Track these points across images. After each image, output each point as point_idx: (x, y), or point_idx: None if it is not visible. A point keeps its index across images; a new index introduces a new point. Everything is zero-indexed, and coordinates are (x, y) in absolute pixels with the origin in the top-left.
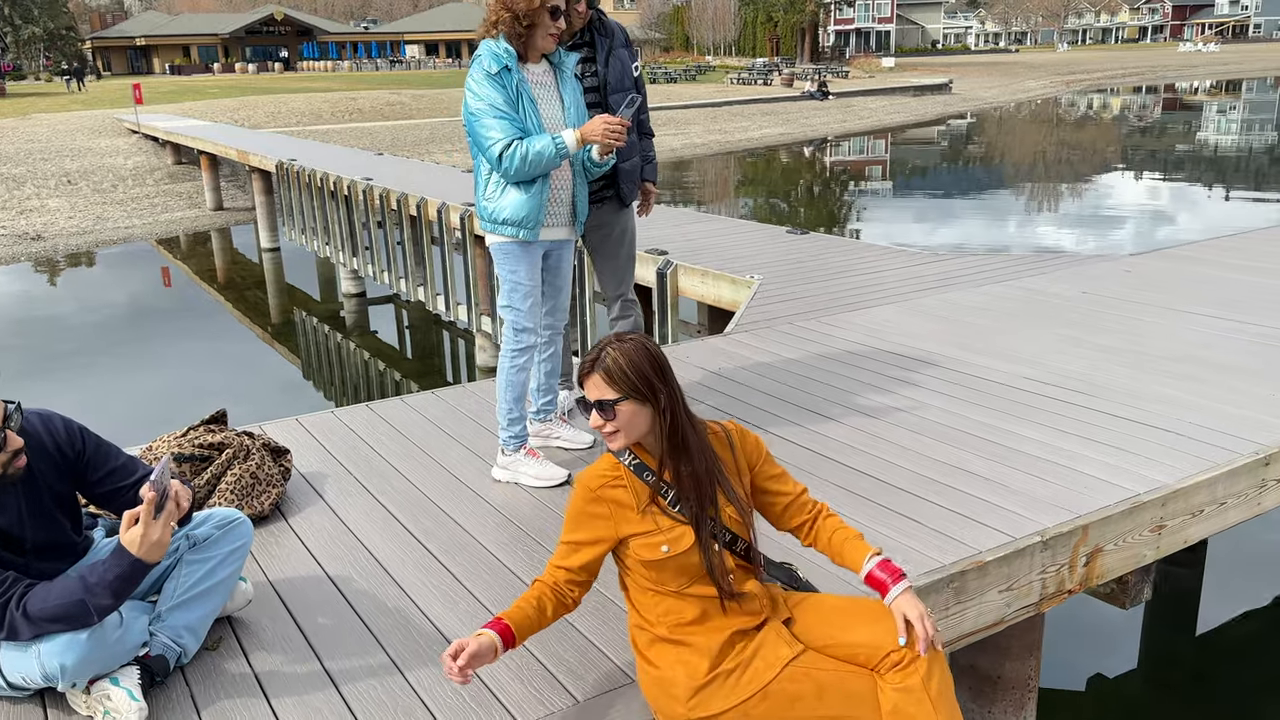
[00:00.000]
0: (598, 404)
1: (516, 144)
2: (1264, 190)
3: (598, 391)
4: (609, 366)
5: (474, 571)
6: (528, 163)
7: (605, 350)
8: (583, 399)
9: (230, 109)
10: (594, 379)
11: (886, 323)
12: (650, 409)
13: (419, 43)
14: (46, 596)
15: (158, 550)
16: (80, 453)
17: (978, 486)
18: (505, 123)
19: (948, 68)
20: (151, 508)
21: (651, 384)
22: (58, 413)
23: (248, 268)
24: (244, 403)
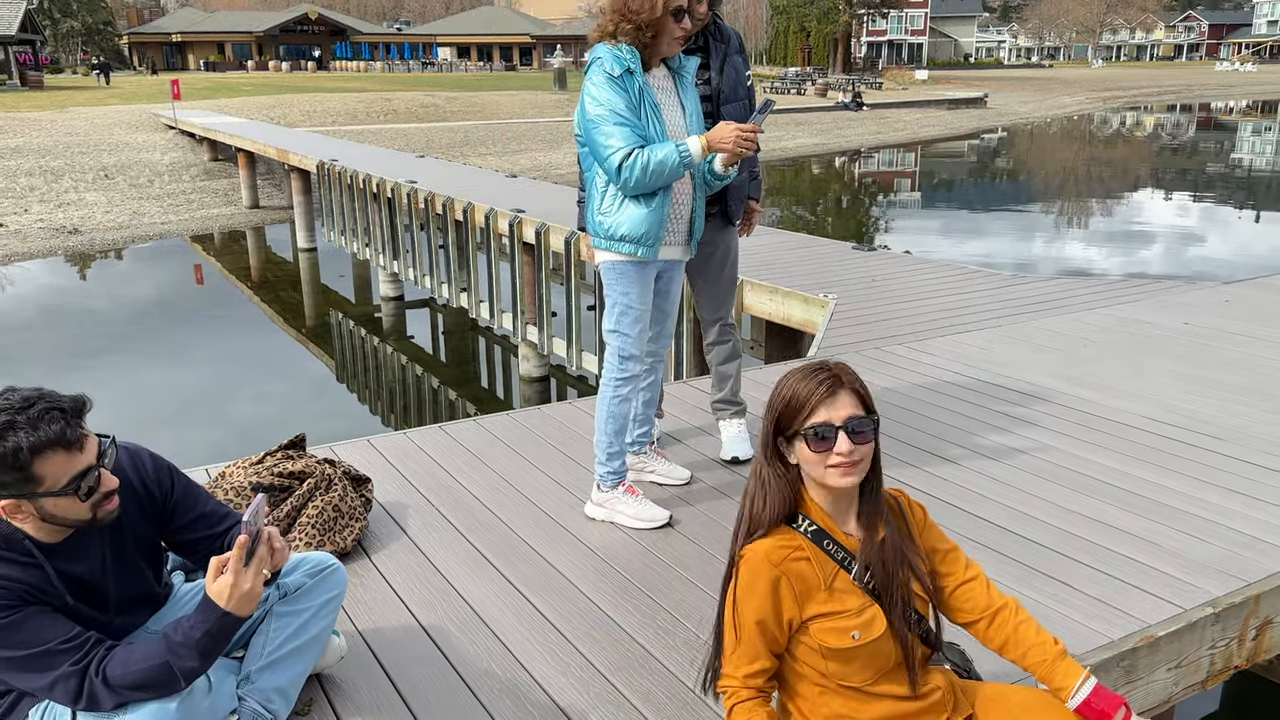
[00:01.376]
0: (853, 422)
1: (638, 153)
2: None
3: (849, 409)
4: (857, 384)
5: (583, 629)
6: (649, 173)
7: (840, 368)
8: (816, 429)
9: (265, 107)
10: (844, 398)
11: (982, 350)
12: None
13: (451, 45)
14: (128, 660)
15: (249, 603)
16: (168, 494)
17: (1126, 544)
18: (627, 130)
19: (981, 81)
20: (243, 553)
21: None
22: (145, 448)
23: (283, 267)
24: (276, 405)
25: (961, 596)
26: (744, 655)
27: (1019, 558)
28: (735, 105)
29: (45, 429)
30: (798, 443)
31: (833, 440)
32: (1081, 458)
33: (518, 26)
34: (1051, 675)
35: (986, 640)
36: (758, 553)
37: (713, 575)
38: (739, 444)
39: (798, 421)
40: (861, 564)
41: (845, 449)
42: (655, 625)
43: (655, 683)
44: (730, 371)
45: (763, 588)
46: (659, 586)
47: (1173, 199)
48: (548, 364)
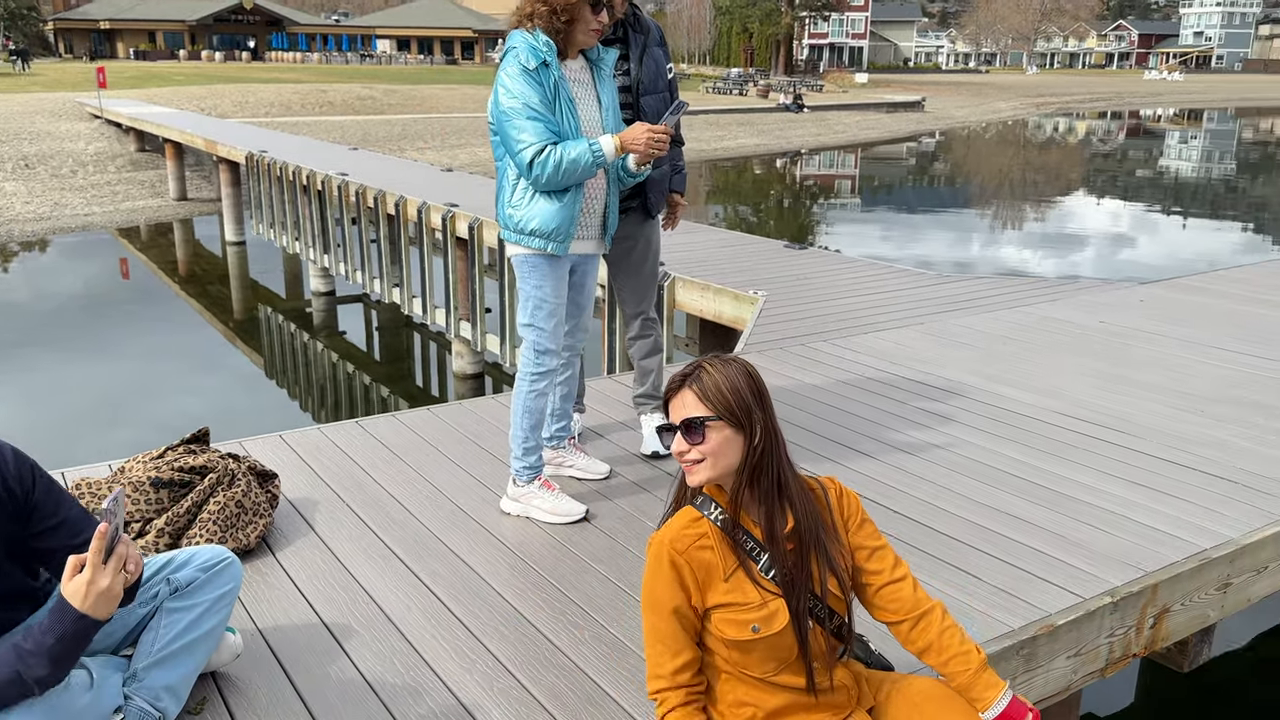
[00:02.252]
0: (685, 423)
1: (550, 150)
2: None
3: (686, 410)
4: (704, 383)
5: (490, 625)
6: (561, 171)
7: (702, 367)
8: (664, 425)
9: (197, 97)
10: (684, 396)
11: (904, 347)
12: (744, 440)
13: (390, 37)
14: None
15: (107, 603)
16: (29, 493)
17: (1032, 536)
18: (539, 125)
19: (920, 85)
20: (103, 544)
21: (749, 410)
22: (8, 444)
23: (211, 261)
24: (201, 401)
25: (887, 596)
26: (668, 649)
27: (927, 549)
28: (655, 97)
29: None
30: None
31: (671, 437)
32: (993, 451)
33: (459, 20)
34: (971, 687)
35: (908, 642)
36: (663, 539)
37: (626, 569)
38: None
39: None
40: (769, 558)
41: (676, 448)
42: (565, 620)
43: (561, 677)
44: (651, 366)
45: (667, 573)
46: (571, 581)
47: (1101, 203)
48: (482, 361)
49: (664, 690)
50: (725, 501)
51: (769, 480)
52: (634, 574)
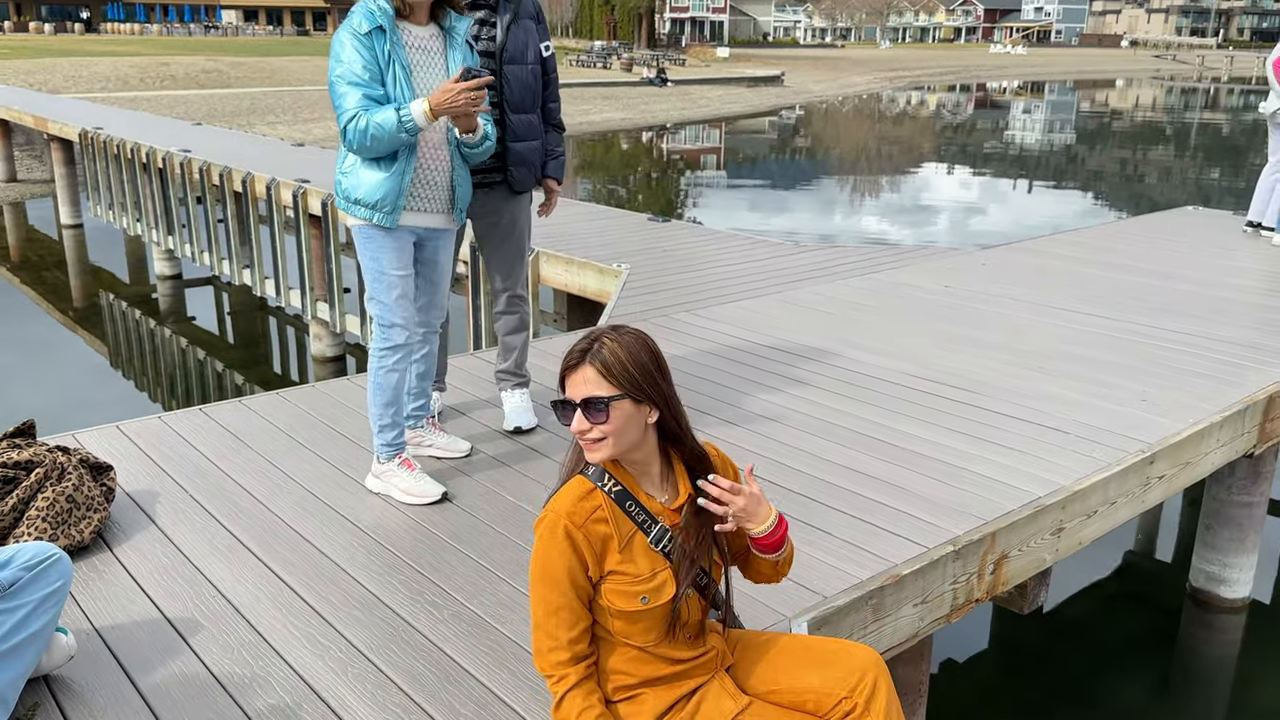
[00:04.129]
0: (586, 402)
1: (360, 115)
2: (1074, 186)
3: (588, 387)
4: (606, 358)
5: (344, 609)
6: (369, 136)
7: (600, 341)
8: (562, 400)
9: (24, 71)
10: (584, 372)
11: (762, 315)
12: (645, 414)
13: (237, 8)
14: None
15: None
16: None
17: (879, 491)
18: (359, 92)
19: (779, 60)
20: None
21: (654, 383)
22: None
23: (46, 245)
24: (42, 396)
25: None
26: (563, 622)
27: (782, 507)
28: (522, 68)
29: None
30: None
31: (570, 415)
32: (843, 412)
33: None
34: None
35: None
36: (558, 511)
37: (487, 546)
38: (522, 414)
39: (559, 387)
40: (660, 529)
41: (577, 426)
42: (423, 600)
43: (418, 657)
44: (515, 343)
45: (562, 545)
46: (429, 561)
47: (951, 173)
48: (342, 343)
49: (562, 664)
50: (618, 472)
51: (669, 453)
52: (495, 551)
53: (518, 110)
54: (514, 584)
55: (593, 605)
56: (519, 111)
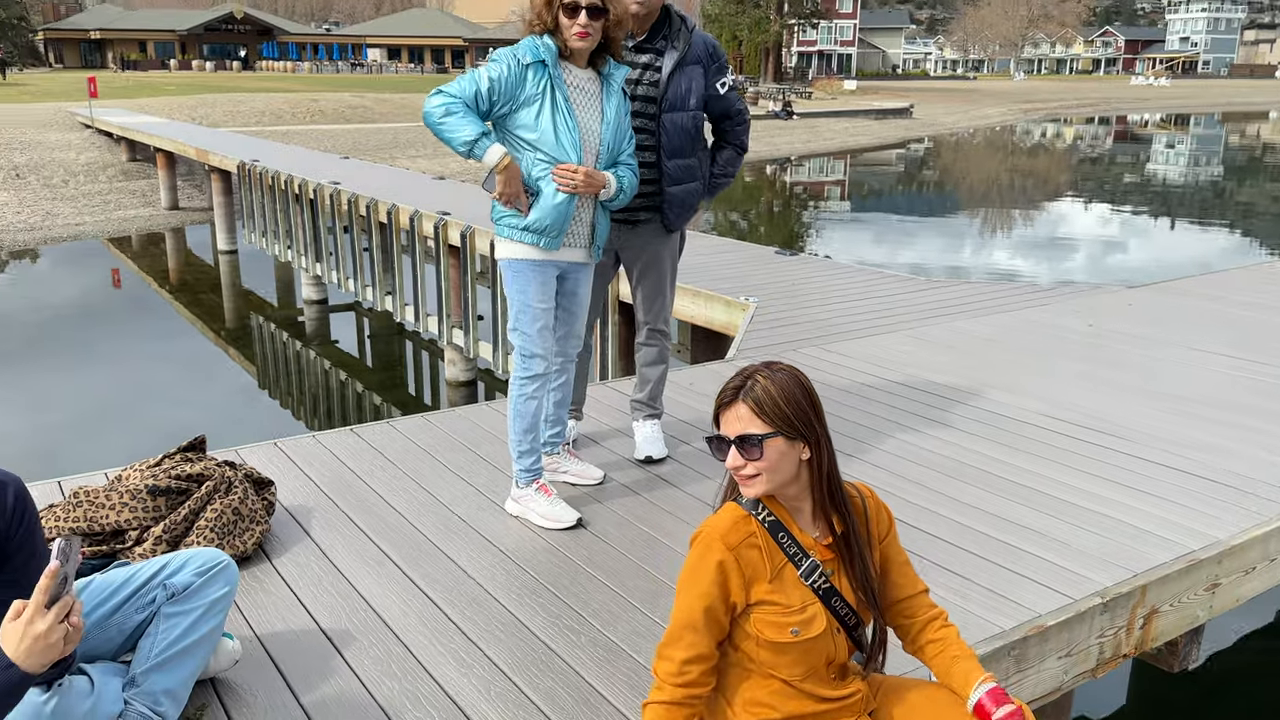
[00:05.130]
0: (741, 439)
1: (454, 105)
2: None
3: (741, 424)
4: (759, 396)
5: (488, 630)
6: (442, 127)
7: (754, 378)
8: (716, 436)
9: (188, 107)
10: (738, 410)
11: (896, 352)
12: (799, 451)
13: (381, 47)
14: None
15: (43, 653)
16: (6, 541)
17: (1023, 538)
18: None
19: (908, 92)
20: (49, 586)
21: (808, 420)
22: (16, 483)
23: (203, 270)
24: (195, 411)
25: (904, 608)
26: (688, 640)
27: (920, 551)
28: (680, 115)
29: None
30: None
31: (725, 451)
32: (984, 454)
33: (450, 29)
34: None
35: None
36: (713, 532)
37: (621, 574)
38: (653, 444)
39: (714, 421)
40: (811, 563)
41: (732, 463)
42: (561, 625)
43: (558, 681)
44: (652, 375)
45: (711, 566)
46: (566, 586)
47: (1089, 208)
48: (474, 368)
49: (668, 675)
50: (772, 504)
51: (820, 490)
52: (629, 578)
53: (673, 156)
54: (648, 613)
55: (735, 633)
56: (674, 157)
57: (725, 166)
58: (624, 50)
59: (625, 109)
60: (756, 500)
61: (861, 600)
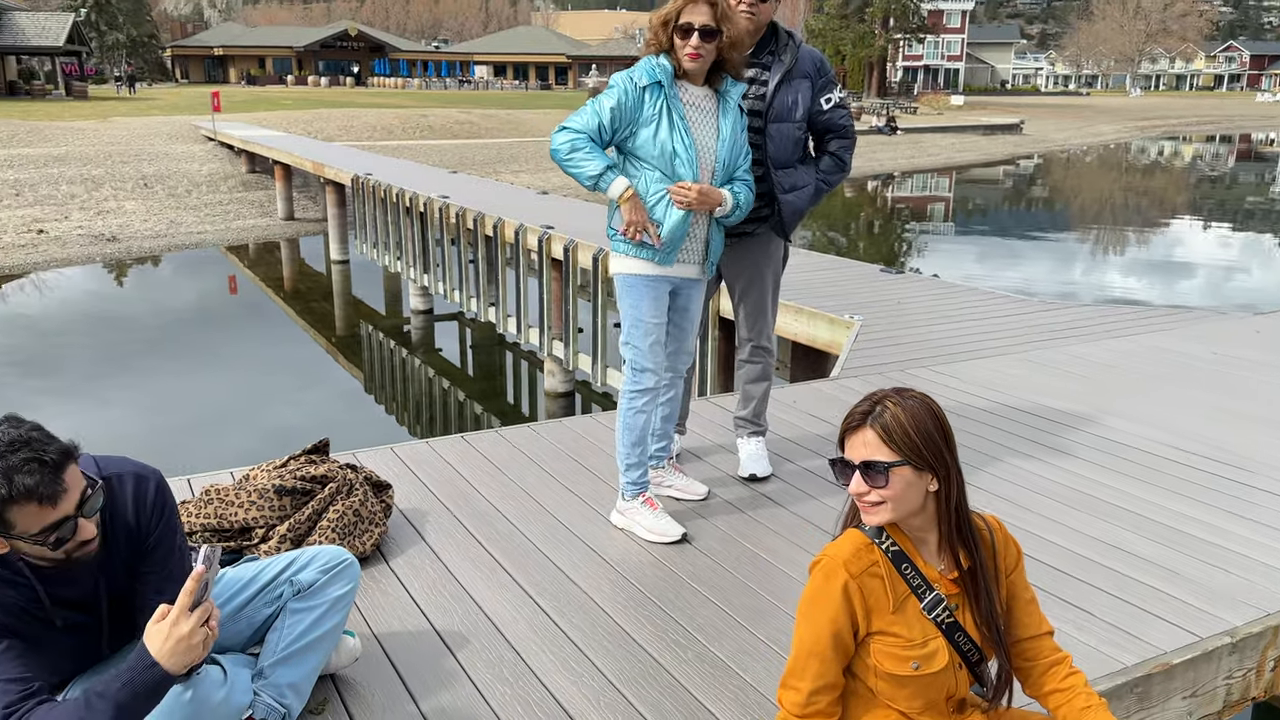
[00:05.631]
0: (866, 465)
1: (579, 141)
2: None
3: (868, 450)
4: (888, 423)
5: (595, 640)
6: (567, 161)
7: (883, 404)
8: (841, 460)
9: (303, 120)
10: (864, 435)
11: (1007, 375)
12: (926, 482)
13: (488, 64)
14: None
15: (185, 654)
16: (149, 534)
17: (1146, 572)
18: (593, 121)
19: (1017, 108)
20: (195, 589)
21: (938, 451)
22: (155, 477)
23: (315, 279)
24: (305, 413)
25: (1028, 648)
26: (813, 670)
27: (1038, 582)
28: (786, 126)
29: (19, 481)
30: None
31: (849, 475)
32: (1104, 484)
33: (554, 46)
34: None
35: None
36: (836, 558)
37: (726, 590)
38: (757, 462)
39: (839, 444)
40: (935, 597)
41: (855, 489)
42: (667, 638)
43: (665, 694)
44: (755, 393)
45: (835, 591)
46: (672, 600)
47: (1210, 230)
48: (573, 380)
49: (795, 705)
50: (896, 533)
51: (947, 524)
52: (735, 595)
53: (781, 166)
54: (754, 631)
55: (854, 663)
56: (782, 167)
57: (825, 176)
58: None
59: (741, 125)
60: (880, 528)
61: (986, 636)
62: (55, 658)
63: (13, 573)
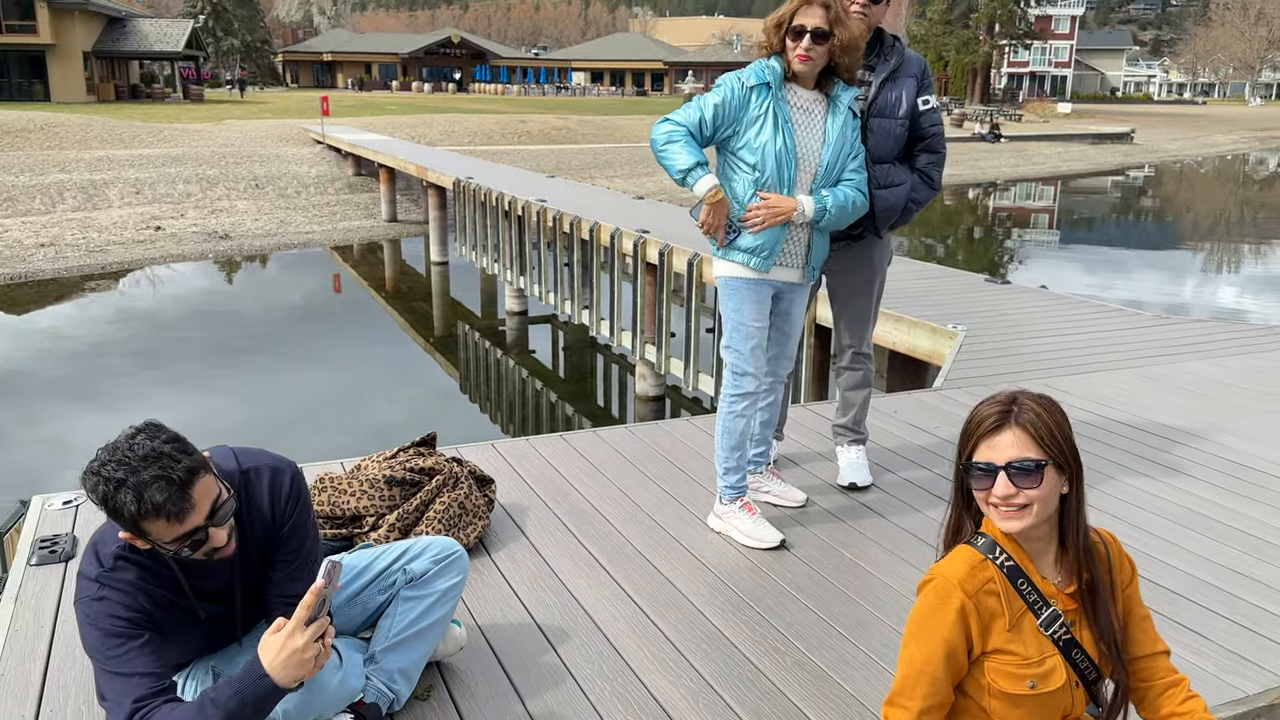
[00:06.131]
0: (1014, 465)
1: (676, 133)
2: None
3: (1016, 449)
4: (1033, 420)
5: (693, 641)
6: (660, 153)
7: (1020, 402)
8: (980, 465)
9: (407, 125)
10: (1008, 435)
11: (1120, 391)
12: (1061, 486)
13: (585, 70)
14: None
15: (296, 668)
16: (282, 525)
17: (1265, 597)
18: (695, 116)
19: (1128, 116)
20: (313, 604)
21: (1075, 451)
22: (292, 470)
23: (415, 279)
24: (403, 409)
25: (1143, 667)
26: (924, 690)
27: (1155, 606)
28: (889, 122)
29: (149, 499)
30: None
31: (991, 480)
32: (1222, 505)
33: (651, 53)
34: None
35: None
36: (950, 578)
37: (826, 599)
38: (857, 471)
39: (966, 450)
40: (1052, 613)
41: (1002, 492)
42: (766, 644)
43: (764, 699)
44: (856, 400)
45: (951, 614)
46: (770, 606)
47: None
48: (664, 384)
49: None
50: (1011, 547)
51: (1072, 533)
52: (834, 605)
53: (878, 161)
54: (855, 641)
55: (966, 682)
56: (879, 162)
57: (913, 194)
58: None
59: (852, 129)
60: (994, 543)
61: (1104, 654)
62: (190, 645)
63: (160, 565)
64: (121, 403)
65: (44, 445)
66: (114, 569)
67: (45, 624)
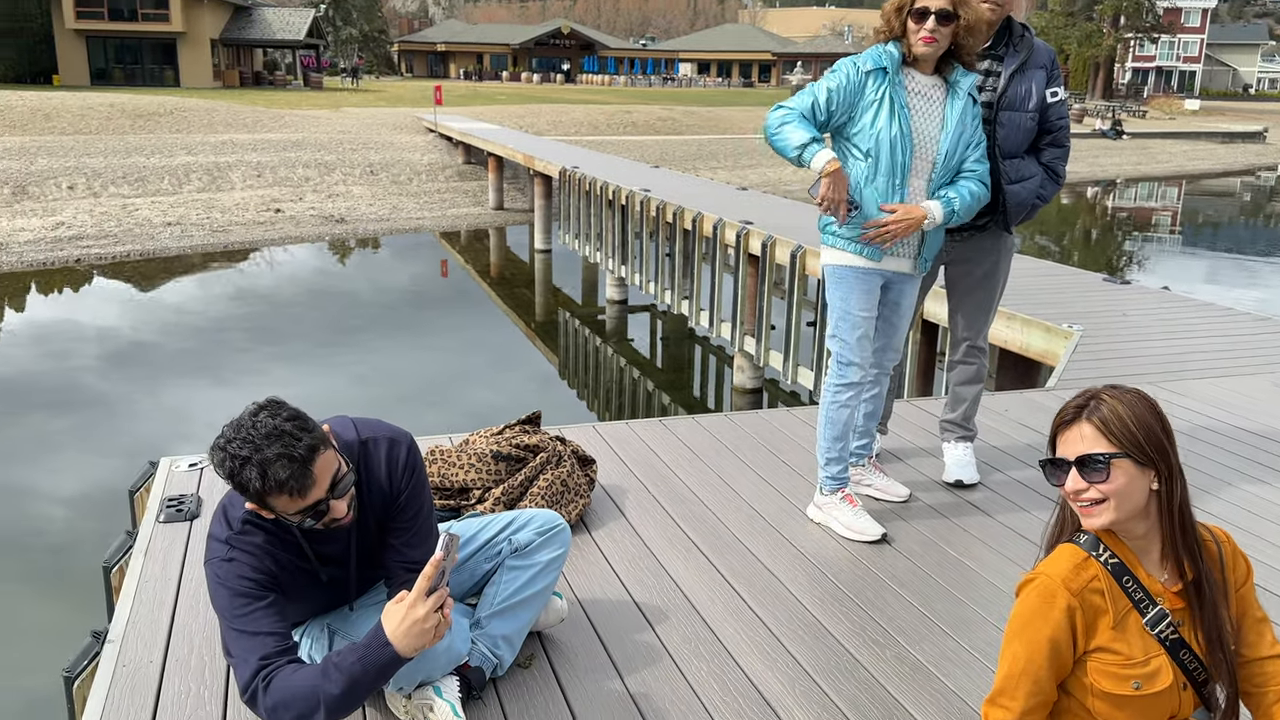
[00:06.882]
0: (1083, 460)
1: (788, 115)
2: None
3: (1085, 444)
4: (1105, 415)
5: (792, 630)
6: (773, 135)
7: (1098, 397)
8: (1052, 460)
9: (517, 115)
10: (1080, 429)
11: (1245, 396)
12: (1149, 480)
13: (692, 61)
14: (290, 679)
15: (417, 637)
16: (400, 494)
17: None
18: (807, 102)
19: (1262, 115)
20: (434, 574)
21: (1159, 444)
22: (408, 441)
23: (519, 266)
24: (504, 392)
25: (1257, 672)
26: (1026, 690)
27: (1275, 615)
28: (1019, 115)
29: (272, 476)
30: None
31: (1064, 475)
32: None
33: (760, 44)
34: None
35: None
36: (1053, 577)
37: (928, 595)
38: (964, 468)
39: (1049, 446)
40: (1159, 612)
41: (1072, 486)
42: (865, 635)
43: (862, 690)
44: (967, 395)
45: (1058, 615)
46: (870, 598)
47: None
48: (762, 377)
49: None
50: (1115, 544)
51: (1173, 528)
52: (936, 601)
53: (1010, 155)
54: (957, 638)
55: (1068, 681)
56: (1011, 156)
57: (1039, 188)
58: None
59: (973, 115)
60: (1097, 540)
61: (1214, 655)
62: (309, 606)
63: (284, 530)
64: (241, 377)
65: (170, 413)
66: (243, 532)
67: (172, 576)
